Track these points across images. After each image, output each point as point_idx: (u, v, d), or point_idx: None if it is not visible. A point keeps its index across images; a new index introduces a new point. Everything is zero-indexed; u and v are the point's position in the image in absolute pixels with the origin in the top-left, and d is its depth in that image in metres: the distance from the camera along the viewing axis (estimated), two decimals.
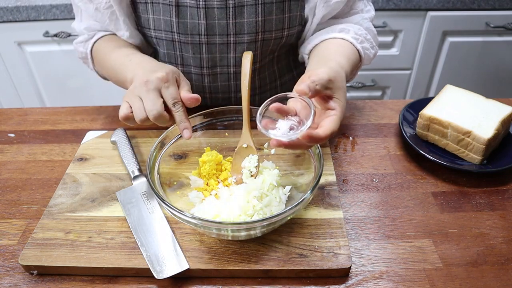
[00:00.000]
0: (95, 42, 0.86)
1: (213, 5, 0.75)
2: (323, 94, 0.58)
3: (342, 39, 0.79)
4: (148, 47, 0.91)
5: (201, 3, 0.75)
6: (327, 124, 0.56)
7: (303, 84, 0.55)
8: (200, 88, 0.88)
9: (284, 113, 0.58)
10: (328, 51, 0.76)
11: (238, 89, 0.88)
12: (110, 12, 0.79)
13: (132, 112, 0.63)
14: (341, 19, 0.84)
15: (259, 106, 0.68)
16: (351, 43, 0.78)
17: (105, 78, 0.92)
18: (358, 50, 0.79)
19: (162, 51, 0.86)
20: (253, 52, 0.81)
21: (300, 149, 0.62)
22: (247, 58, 0.69)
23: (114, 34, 0.86)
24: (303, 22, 0.83)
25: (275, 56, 0.88)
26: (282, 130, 0.56)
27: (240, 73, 0.73)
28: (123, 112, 0.63)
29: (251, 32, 0.78)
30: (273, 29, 0.79)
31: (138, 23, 0.83)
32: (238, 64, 0.83)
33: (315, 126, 0.57)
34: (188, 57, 0.83)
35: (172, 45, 0.82)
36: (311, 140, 0.54)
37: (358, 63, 0.81)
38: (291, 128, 0.56)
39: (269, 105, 0.57)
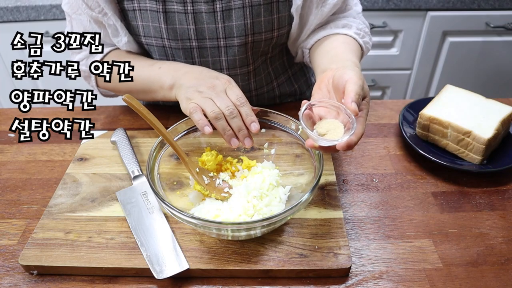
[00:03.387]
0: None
1: (201, 10, 0.75)
2: None
3: (345, 34, 0.80)
4: (145, 53, 0.89)
5: (189, 8, 0.75)
6: (358, 127, 0.57)
7: (353, 103, 0.56)
8: None
9: (311, 119, 0.60)
10: (337, 50, 0.77)
11: None
12: (105, 19, 0.78)
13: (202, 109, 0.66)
14: (338, 15, 0.84)
15: (257, 107, 0.69)
16: (354, 38, 0.80)
17: (108, 96, 0.90)
18: (360, 45, 0.81)
19: (155, 57, 0.85)
20: (245, 54, 0.81)
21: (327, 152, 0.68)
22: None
23: (114, 47, 0.85)
24: (292, 21, 0.82)
25: (268, 57, 0.88)
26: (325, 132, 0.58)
27: (233, 75, 0.72)
28: (193, 106, 0.66)
29: (241, 35, 0.78)
30: (263, 31, 0.79)
31: (128, 30, 0.82)
32: (231, 67, 0.83)
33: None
34: (180, 62, 0.82)
35: (163, 51, 0.82)
36: (349, 147, 0.55)
37: (361, 57, 0.82)
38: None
39: (305, 109, 0.59)
